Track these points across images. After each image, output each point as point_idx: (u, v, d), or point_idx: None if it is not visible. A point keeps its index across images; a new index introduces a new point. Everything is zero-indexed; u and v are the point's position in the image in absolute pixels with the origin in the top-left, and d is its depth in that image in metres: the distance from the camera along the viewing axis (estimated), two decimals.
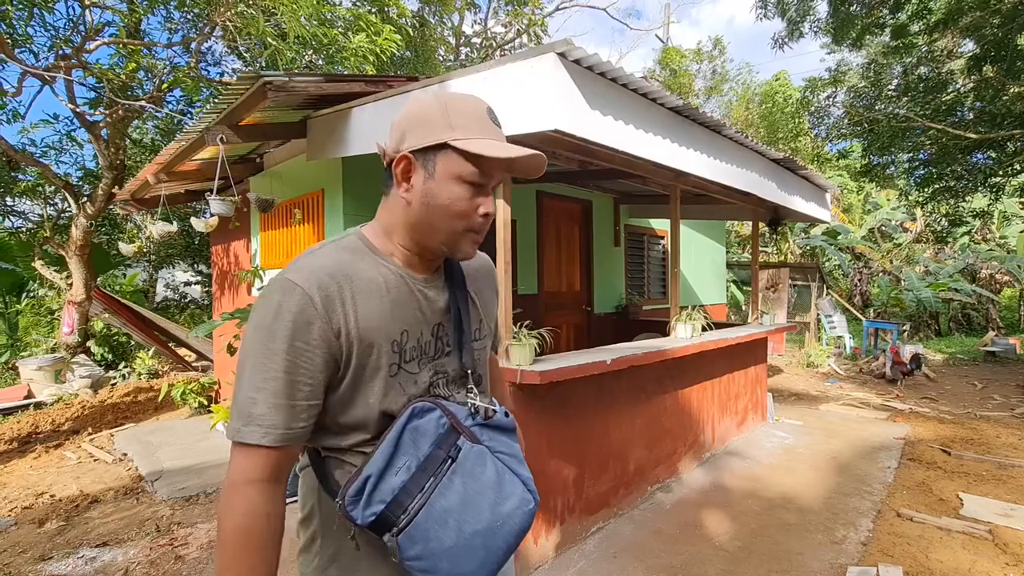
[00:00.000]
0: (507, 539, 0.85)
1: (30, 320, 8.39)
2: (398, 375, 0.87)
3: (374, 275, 0.87)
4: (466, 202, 0.85)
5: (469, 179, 0.84)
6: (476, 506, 0.83)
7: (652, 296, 7.18)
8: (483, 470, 0.85)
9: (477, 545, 0.82)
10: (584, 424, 2.96)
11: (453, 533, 0.80)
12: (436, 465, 0.83)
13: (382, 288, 0.87)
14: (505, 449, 0.91)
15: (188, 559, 2.75)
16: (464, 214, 0.86)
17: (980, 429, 4.90)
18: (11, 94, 5.88)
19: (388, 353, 0.85)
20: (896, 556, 2.67)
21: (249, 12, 5.01)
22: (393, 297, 0.88)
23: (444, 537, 0.80)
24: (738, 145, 3.61)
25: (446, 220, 0.85)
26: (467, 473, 0.84)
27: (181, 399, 5.54)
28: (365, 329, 0.83)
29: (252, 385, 0.78)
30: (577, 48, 2.16)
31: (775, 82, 17.09)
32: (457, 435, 0.86)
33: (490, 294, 1.09)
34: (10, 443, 4.66)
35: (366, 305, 0.84)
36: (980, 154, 9.09)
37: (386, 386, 0.86)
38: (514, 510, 0.85)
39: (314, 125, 3.57)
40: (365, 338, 0.83)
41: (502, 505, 0.85)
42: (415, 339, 0.90)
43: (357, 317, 0.82)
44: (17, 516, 3.33)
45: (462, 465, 0.84)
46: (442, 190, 0.84)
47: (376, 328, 0.84)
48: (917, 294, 10.46)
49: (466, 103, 0.86)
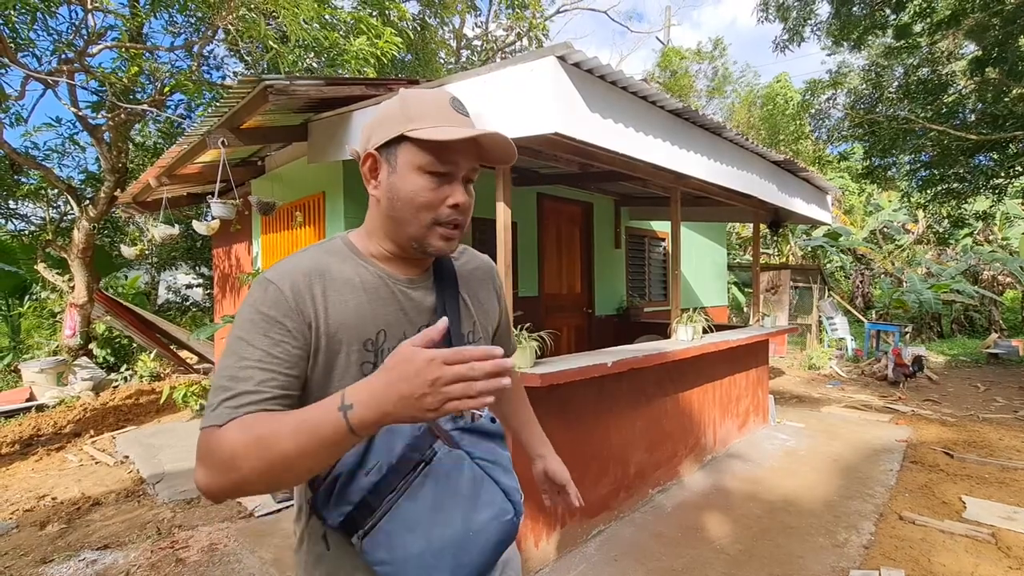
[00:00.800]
0: (482, 550, 0.80)
1: (32, 323, 8.41)
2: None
3: (351, 275, 0.87)
4: (429, 193, 0.84)
5: (429, 169, 0.83)
6: (447, 513, 0.79)
7: (653, 298, 7.18)
8: (459, 476, 0.82)
9: (447, 555, 0.78)
10: (584, 427, 2.95)
11: (421, 540, 0.77)
12: (408, 468, 0.80)
13: (358, 288, 0.87)
14: (487, 455, 0.86)
15: (189, 562, 2.75)
16: (428, 205, 0.84)
17: (983, 432, 4.88)
18: (14, 98, 5.92)
19: (360, 351, 0.85)
20: (898, 559, 2.66)
21: (251, 15, 5.04)
22: (371, 297, 0.87)
23: (410, 544, 0.77)
24: (738, 147, 3.61)
25: (411, 212, 0.84)
26: (440, 478, 0.80)
27: (183, 401, 5.54)
28: (335, 325, 0.83)
29: (228, 375, 0.76)
30: (577, 51, 2.17)
31: (776, 84, 17.11)
32: (434, 438, 0.82)
33: (487, 296, 1.05)
34: (12, 445, 4.67)
35: (338, 302, 0.84)
36: (982, 156, 9.06)
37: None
38: (490, 520, 0.81)
39: (315, 128, 3.58)
40: (334, 334, 0.83)
41: (477, 514, 0.80)
42: (396, 340, 0.87)
43: (328, 313, 0.83)
44: (19, 519, 3.33)
45: (435, 469, 0.81)
46: (404, 183, 0.84)
47: (347, 325, 0.84)
48: (919, 296, 10.44)
49: (426, 95, 0.86)
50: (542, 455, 1.21)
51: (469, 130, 0.82)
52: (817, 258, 13.49)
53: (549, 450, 1.22)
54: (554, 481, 1.18)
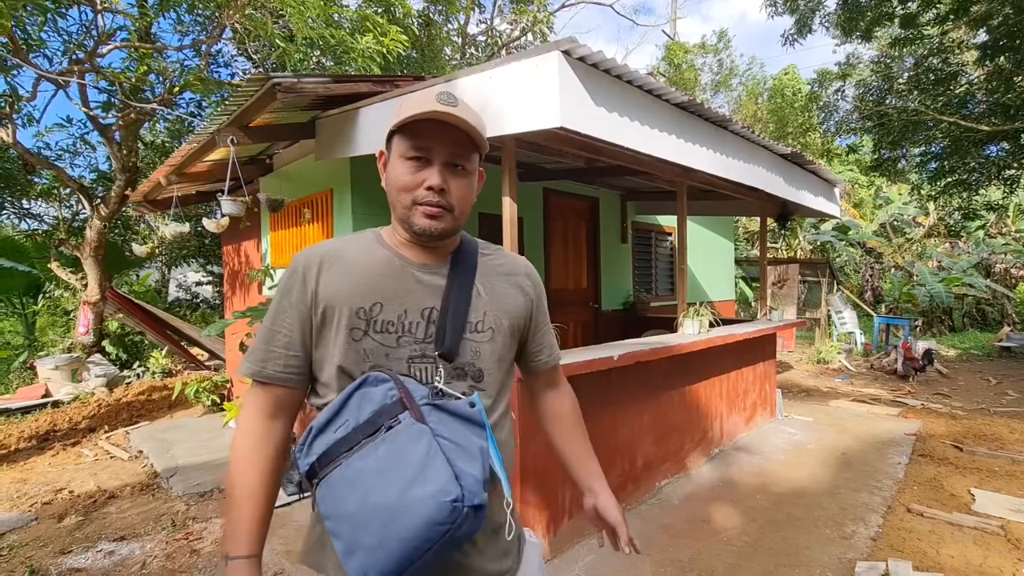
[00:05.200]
0: (412, 527, 0.75)
1: (47, 320, 8.54)
2: (363, 340, 0.92)
3: (363, 256, 0.97)
4: (409, 176, 0.92)
5: (408, 155, 0.92)
6: (387, 479, 0.78)
7: (660, 293, 7.17)
8: (414, 447, 0.80)
9: (377, 520, 0.77)
10: (591, 420, 2.95)
11: (357, 499, 0.79)
12: (371, 431, 0.83)
13: (363, 265, 0.96)
14: (453, 437, 0.83)
15: (203, 553, 2.80)
16: (407, 187, 0.93)
17: (994, 425, 4.85)
18: (26, 99, 6.00)
19: (350, 317, 0.92)
20: (906, 551, 2.66)
21: (257, 14, 5.07)
22: (374, 272, 0.95)
23: (349, 500, 0.80)
24: (745, 140, 3.60)
25: (396, 196, 0.95)
26: (395, 446, 0.81)
27: (194, 397, 5.62)
28: (329, 295, 0.93)
29: (260, 335, 0.98)
30: (581, 45, 2.18)
31: (784, 76, 16.94)
32: (403, 408, 0.84)
33: (507, 291, 1.05)
34: (29, 441, 4.76)
35: (336, 272, 0.95)
36: (994, 146, 8.94)
37: (347, 347, 0.92)
38: (426, 497, 0.76)
39: (322, 126, 3.61)
40: (329, 301, 0.93)
41: (415, 488, 0.77)
42: (393, 315, 0.93)
43: (326, 284, 0.94)
44: (37, 511, 3.41)
45: (394, 438, 0.81)
46: (393, 170, 0.95)
47: (341, 294, 0.93)
48: (930, 289, 10.33)
49: (419, 92, 0.95)
50: (593, 490, 1.17)
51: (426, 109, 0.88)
52: (826, 252, 13.38)
53: (602, 485, 1.17)
54: (604, 520, 1.15)
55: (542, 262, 5.45)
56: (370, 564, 0.77)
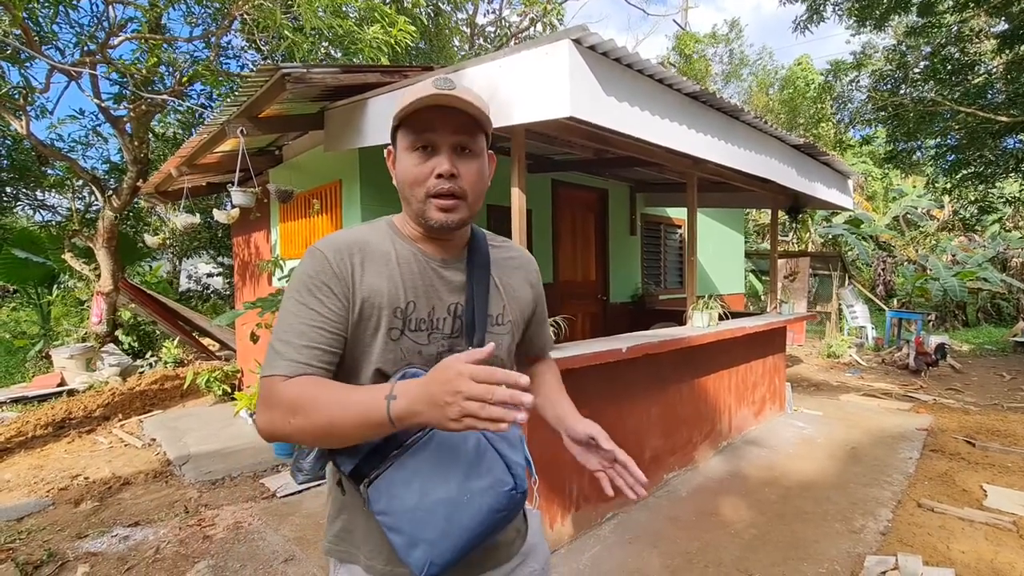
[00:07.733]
0: (476, 517, 0.81)
1: (61, 310, 8.68)
2: (400, 340, 0.91)
3: (388, 249, 0.95)
4: (416, 168, 0.90)
5: (413, 146, 0.90)
6: (445, 474, 0.82)
7: (669, 286, 7.13)
8: (463, 442, 0.84)
9: (439, 514, 0.80)
10: (599, 412, 2.97)
11: (416, 495, 0.81)
12: (417, 428, 0.82)
13: (392, 261, 0.94)
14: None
15: (215, 539, 2.85)
16: (419, 180, 0.90)
17: (1007, 420, 4.79)
18: (39, 91, 6.05)
19: (389, 317, 0.90)
20: (916, 546, 2.65)
21: (266, 5, 5.06)
22: (403, 270, 0.94)
23: (406, 496, 0.81)
24: (756, 131, 3.55)
25: (409, 190, 0.92)
26: (445, 442, 0.83)
27: (206, 387, 5.69)
28: (369, 290, 0.90)
29: (286, 331, 0.86)
30: (592, 34, 2.15)
31: (797, 67, 16.70)
32: None
33: (519, 284, 1.08)
34: (45, 428, 4.85)
35: (373, 270, 0.91)
36: (1012, 138, 8.76)
37: (385, 347, 0.90)
38: (486, 488, 0.82)
39: (331, 116, 3.61)
40: (368, 298, 0.90)
41: (474, 481, 0.82)
42: (424, 312, 0.94)
43: (364, 279, 0.90)
44: (54, 497, 3.48)
45: (442, 433, 0.83)
46: (401, 164, 0.93)
47: (380, 291, 0.90)
48: (943, 283, 10.19)
49: (417, 84, 0.91)
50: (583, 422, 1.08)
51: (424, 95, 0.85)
52: (837, 245, 13.23)
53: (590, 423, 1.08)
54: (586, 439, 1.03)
55: (550, 254, 5.44)
56: (435, 554, 0.80)
